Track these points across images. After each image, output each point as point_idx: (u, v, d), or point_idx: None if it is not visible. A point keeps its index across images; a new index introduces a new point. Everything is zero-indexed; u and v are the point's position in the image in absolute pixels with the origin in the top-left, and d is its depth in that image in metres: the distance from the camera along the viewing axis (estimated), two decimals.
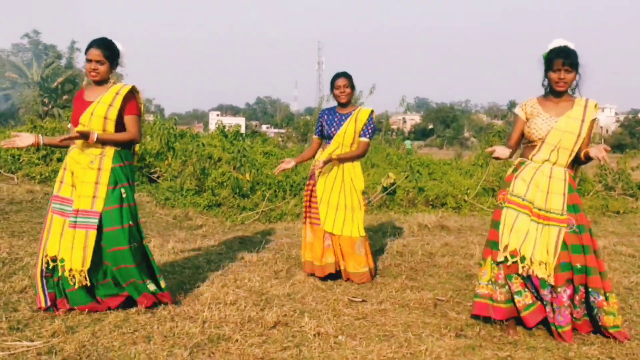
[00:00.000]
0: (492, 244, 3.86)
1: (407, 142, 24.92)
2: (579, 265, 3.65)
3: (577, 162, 3.89)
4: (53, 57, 48.85)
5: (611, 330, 3.67)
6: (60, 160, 10.09)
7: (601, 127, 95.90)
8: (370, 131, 5.05)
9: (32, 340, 3.43)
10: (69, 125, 4.40)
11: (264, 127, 63.50)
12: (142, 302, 4.00)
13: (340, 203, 4.98)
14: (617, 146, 66.92)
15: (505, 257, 3.73)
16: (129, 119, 4.00)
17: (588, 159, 3.77)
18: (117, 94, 3.96)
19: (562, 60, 3.70)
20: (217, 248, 6.18)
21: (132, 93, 4.03)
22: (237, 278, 4.96)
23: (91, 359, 3.23)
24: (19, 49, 51.25)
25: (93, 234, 3.83)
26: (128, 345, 3.42)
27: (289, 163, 5.11)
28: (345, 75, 5.05)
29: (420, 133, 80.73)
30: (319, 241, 5.05)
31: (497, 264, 3.80)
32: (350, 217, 4.99)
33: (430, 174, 13.60)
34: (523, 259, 3.70)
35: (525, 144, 3.94)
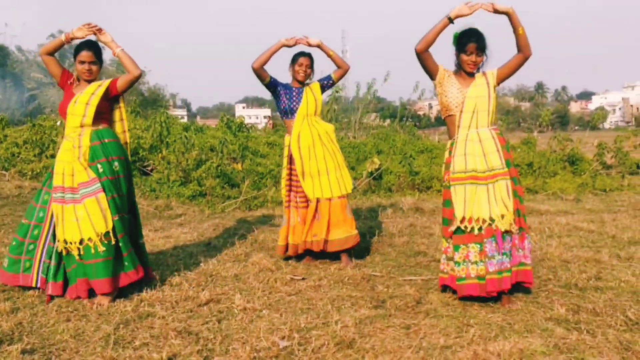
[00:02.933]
0: (443, 221, 4.15)
1: None
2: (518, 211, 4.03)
3: (522, 48, 4.03)
4: None
5: (517, 268, 4.00)
6: (53, 156, 10.49)
7: (632, 106, 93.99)
8: (328, 76, 5.41)
9: None
10: (58, 123, 4.70)
11: None
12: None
13: (329, 167, 5.21)
14: None
15: (459, 228, 3.98)
16: (120, 78, 4.49)
17: (517, 29, 3.99)
18: (99, 85, 4.39)
19: (475, 44, 3.98)
20: (188, 235, 6.47)
21: (112, 84, 4.46)
22: (194, 262, 5.24)
23: (22, 334, 3.53)
24: None
25: (102, 196, 4.21)
26: (61, 322, 3.73)
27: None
28: (309, 55, 5.33)
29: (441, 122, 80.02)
30: (304, 223, 5.27)
31: (449, 238, 4.06)
32: (340, 176, 5.25)
33: (433, 158, 13.73)
34: (480, 220, 3.93)
35: (446, 117, 4.19)
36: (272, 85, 5.32)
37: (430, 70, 4.14)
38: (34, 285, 4.30)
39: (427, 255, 5.42)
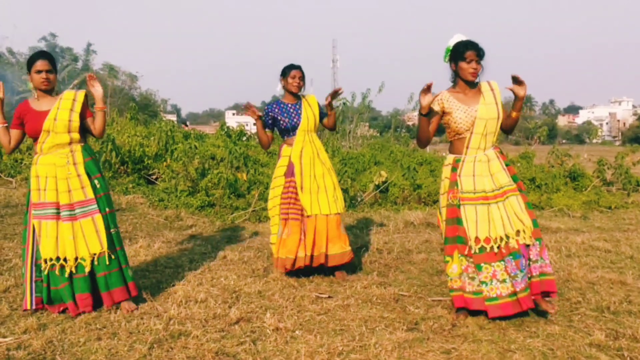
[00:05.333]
0: (458, 239, 4.07)
1: None
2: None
3: (508, 129, 4.17)
4: (69, 59, 49.47)
5: (540, 278, 4.00)
6: None
7: (619, 121, 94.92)
8: (324, 112, 5.43)
9: (4, 337, 3.67)
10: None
11: None
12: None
13: (327, 184, 5.23)
14: (634, 139, 66.20)
15: (481, 247, 3.94)
16: (90, 120, 4.38)
17: (514, 112, 4.07)
18: (74, 100, 4.30)
19: (474, 52, 3.99)
20: (202, 248, 6.39)
21: (86, 98, 4.39)
22: (214, 277, 5.16)
23: (55, 353, 3.45)
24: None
25: (99, 217, 4.21)
26: (92, 340, 3.64)
27: (254, 113, 5.33)
28: (300, 68, 5.31)
29: (440, 129, 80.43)
30: (295, 236, 5.21)
31: (467, 256, 4.00)
32: (333, 195, 5.24)
33: (432, 171, 13.73)
34: (497, 239, 3.92)
35: (453, 138, 4.16)
36: (270, 121, 5.37)
37: (440, 120, 4.17)
38: (28, 307, 4.17)
39: None
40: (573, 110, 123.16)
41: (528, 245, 3.99)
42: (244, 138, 15.62)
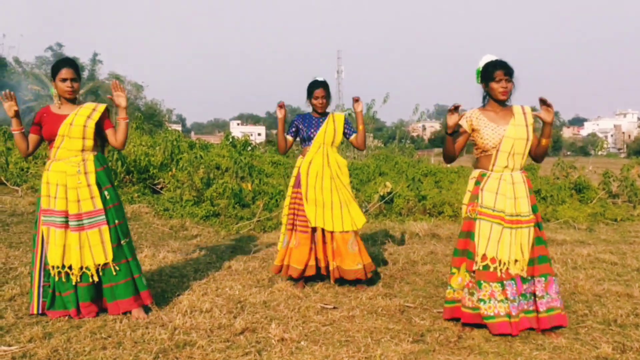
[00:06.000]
0: (468, 254, 4.06)
1: None
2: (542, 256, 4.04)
3: (538, 157, 4.15)
4: None
5: (548, 314, 3.96)
6: None
7: (623, 133, 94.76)
8: (352, 129, 5.40)
9: (10, 345, 3.66)
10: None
11: None
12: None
13: (334, 201, 5.18)
14: (639, 151, 66.11)
15: (485, 265, 3.93)
16: (110, 132, 4.41)
17: (544, 139, 4.03)
18: (94, 109, 4.35)
19: (503, 71, 3.99)
20: (207, 257, 6.39)
21: (108, 110, 4.42)
22: (218, 287, 5.16)
23: None
24: (43, 61, 52.06)
25: (106, 229, 4.24)
26: (98, 350, 3.63)
27: (280, 112, 5.30)
28: (323, 85, 5.29)
29: (440, 140, 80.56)
30: (304, 247, 5.21)
31: (471, 272, 4.00)
32: (347, 213, 5.19)
33: (436, 182, 13.73)
34: (501, 263, 3.93)
35: (480, 155, 4.14)
36: (294, 129, 5.39)
37: (468, 138, 4.19)
38: (35, 312, 4.22)
39: None
40: (578, 122, 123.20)
41: (533, 279, 3.99)
42: (249, 148, 15.67)
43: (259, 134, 78.81)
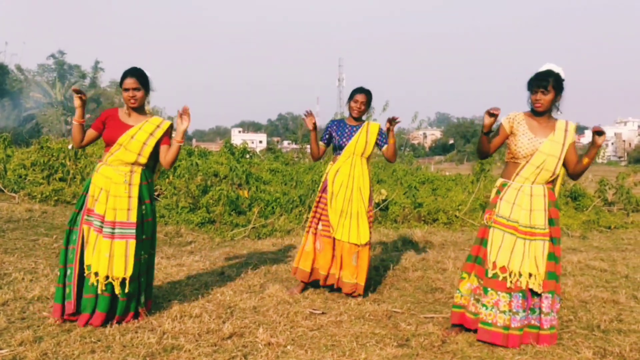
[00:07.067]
0: (478, 260, 4.15)
1: None
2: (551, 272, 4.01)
3: (575, 175, 4.15)
4: (77, 76, 50.08)
5: (550, 332, 3.97)
6: (62, 180, 10.48)
7: (624, 141, 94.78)
8: (385, 140, 5.34)
9: (0, 349, 3.73)
10: (70, 146, 4.64)
11: (285, 143, 63.74)
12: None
13: (352, 211, 5.22)
14: None
15: (495, 274, 3.98)
16: (164, 148, 4.45)
17: (586, 158, 4.01)
18: (158, 127, 4.41)
19: (537, 82, 4.00)
20: (200, 264, 6.44)
21: (171, 127, 4.49)
22: (210, 292, 5.22)
23: None
24: (45, 69, 52.32)
25: (133, 243, 4.25)
26: (87, 353, 3.69)
27: (310, 122, 5.30)
28: (366, 92, 5.33)
29: (440, 148, 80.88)
30: (328, 252, 5.27)
31: (480, 279, 4.08)
32: (355, 224, 5.22)
33: (434, 189, 13.80)
34: (512, 274, 3.96)
35: (509, 160, 4.20)
36: (327, 136, 5.44)
37: (506, 139, 4.20)
38: (75, 310, 4.25)
39: (444, 292, 5.41)
40: (579, 130, 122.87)
41: (540, 295, 4.00)
42: (247, 155, 15.75)
43: (260, 142, 78.89)
